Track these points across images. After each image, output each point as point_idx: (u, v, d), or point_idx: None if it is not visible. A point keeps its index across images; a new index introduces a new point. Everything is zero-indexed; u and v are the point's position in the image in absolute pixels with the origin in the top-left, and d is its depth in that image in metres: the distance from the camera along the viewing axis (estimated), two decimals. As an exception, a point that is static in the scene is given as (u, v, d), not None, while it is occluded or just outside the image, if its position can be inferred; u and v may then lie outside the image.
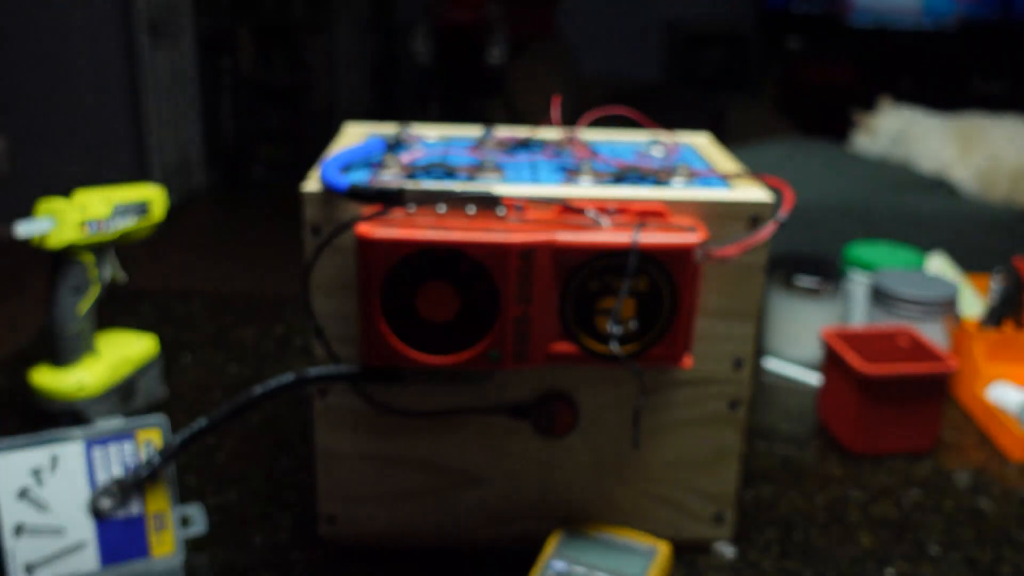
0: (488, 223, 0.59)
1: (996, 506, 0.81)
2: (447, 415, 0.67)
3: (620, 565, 0.64)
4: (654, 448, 0.69)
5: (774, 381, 1.03)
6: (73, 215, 0.79)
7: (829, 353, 0.91)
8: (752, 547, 0.73)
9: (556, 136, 0.74)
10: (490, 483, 0.69)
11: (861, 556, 0.73)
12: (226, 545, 0.72)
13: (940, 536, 0.76)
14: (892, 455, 0.88)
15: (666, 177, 0.66)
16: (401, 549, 0.71)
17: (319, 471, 0.69)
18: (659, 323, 0.60)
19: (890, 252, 1.10)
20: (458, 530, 0.71)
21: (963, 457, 0.89)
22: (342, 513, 0.70)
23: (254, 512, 0.76)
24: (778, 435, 0.91)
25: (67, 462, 0.64)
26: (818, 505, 0.80)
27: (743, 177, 0.67)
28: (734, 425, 0.69)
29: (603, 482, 0.69)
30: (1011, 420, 0.91)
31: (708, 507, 0.71)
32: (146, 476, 0.65)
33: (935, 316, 0.97)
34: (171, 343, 1.05)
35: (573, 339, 0.60)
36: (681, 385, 0.67)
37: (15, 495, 0.63)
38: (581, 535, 0.67)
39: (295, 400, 0.93)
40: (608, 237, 0.58)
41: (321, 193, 0.62)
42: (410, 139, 0.73)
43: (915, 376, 0.86)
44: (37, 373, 0.83)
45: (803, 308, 1.03)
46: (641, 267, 0.59)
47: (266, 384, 0.64)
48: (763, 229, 0.62)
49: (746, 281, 0.65)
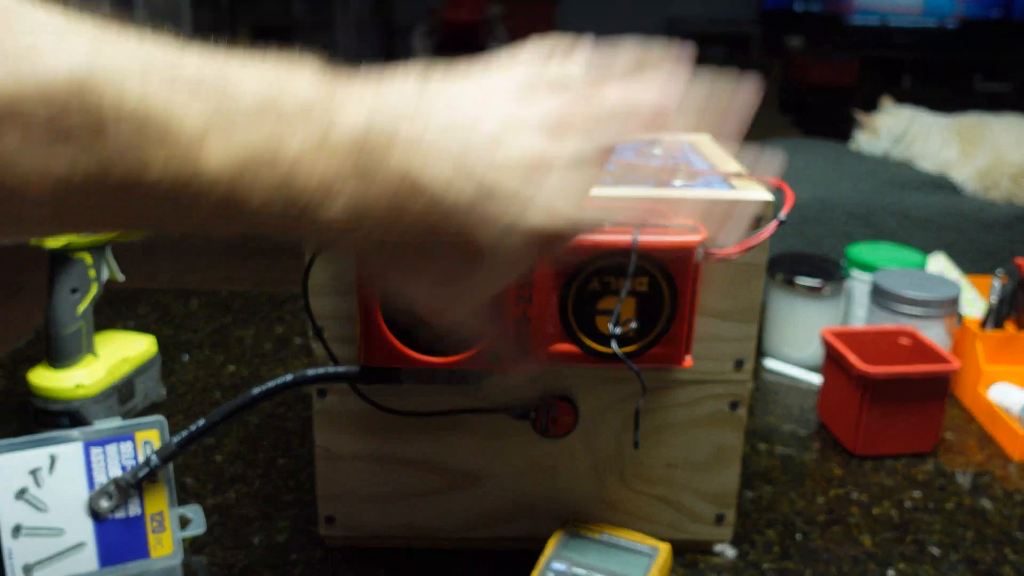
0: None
1: (998, 507, 0.81)
2: (447, 415, 0.67)
3: (620, 566, 0.64)
4: (654, 448, 0.68)
5: (775, 381, 1.02)
6: (71, 215, 0.79)
7: (830, 353, 0.91)
8: (753, 548, 0.73)
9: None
10: (490, 483, 0.69)
11: (862, 557, 0.73)
12: (225, 546, 0.71)
13: (941, 537, 0.76)
14: (893, 456, 0.88)
15: (667, 177, 0.66)
16: (401, 549, 0.71)
17: (318, 471, 0.69)
18: (659, 323, 0.60)
19: (891, 252, 1.10)
20: (458, 531, 0.71)
21: (964, 458, 0.89)
22: (341, 513, 0.70)
23: (253, 512, 0.75)
24: (779, 436, 0.91)
25: (65, 462, 0.64)
26: (819, 506, 0.80)
27: (744, 177, 0.67)
28: (735, 425, 0.68)
29: (603, 482, 0.69)
30: (1013, 420, 0.91)
31: (708, 508, 0.71)
32: (144, 476, 0.64)
33: (936, 316, 0.96)
34: (170, 343, 1.05)
35: (573, 339, 0.60)
36: (681, 385, 0.67)
37: (13, 495, 0.62)
38: (581, 536, 0.67)
39: (294, 400, 0.93)
40: (608, 237, 0.58)
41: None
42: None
43: (916, 376, 0.86)
44: (35, 373, 0.82)
45: (804, 308, 1.03)
46: (641, 267, 0.58)
47: (265, 384, 0.64)
48: (764, 229, 0.61)
49: (747, 281, 0.65)
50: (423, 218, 0.41)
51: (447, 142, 0.41)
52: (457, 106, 0.43)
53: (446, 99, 0.43)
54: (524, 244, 0.43)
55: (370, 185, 0.40)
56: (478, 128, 0.42)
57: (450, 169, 0.41)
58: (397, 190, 0.40)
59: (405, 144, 0.40)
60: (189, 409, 0.91)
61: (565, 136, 0.44)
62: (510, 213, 0.42)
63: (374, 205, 0.40)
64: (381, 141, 0.40)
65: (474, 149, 0.42)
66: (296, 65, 0.40)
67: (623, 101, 0.46)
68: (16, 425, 0.87)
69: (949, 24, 4.62)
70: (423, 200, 0.41)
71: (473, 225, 0.42)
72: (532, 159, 0.43)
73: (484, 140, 0.42)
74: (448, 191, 0.41)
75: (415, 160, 0.40)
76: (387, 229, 0.41)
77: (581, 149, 0.44)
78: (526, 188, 0.42)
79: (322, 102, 0.39)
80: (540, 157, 0.43)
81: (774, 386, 1.01)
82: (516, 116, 0.44)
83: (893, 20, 4.63)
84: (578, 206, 0.44)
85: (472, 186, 0.41)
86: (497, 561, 0.70)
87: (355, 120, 0.39)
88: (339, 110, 0.39)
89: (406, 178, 0.40)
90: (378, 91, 0.42)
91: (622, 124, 0.45)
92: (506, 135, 0.43)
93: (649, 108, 0.46)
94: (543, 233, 0.43)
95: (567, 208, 0.43)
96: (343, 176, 0.39)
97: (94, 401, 0.83)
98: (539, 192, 0.43)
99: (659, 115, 0.46)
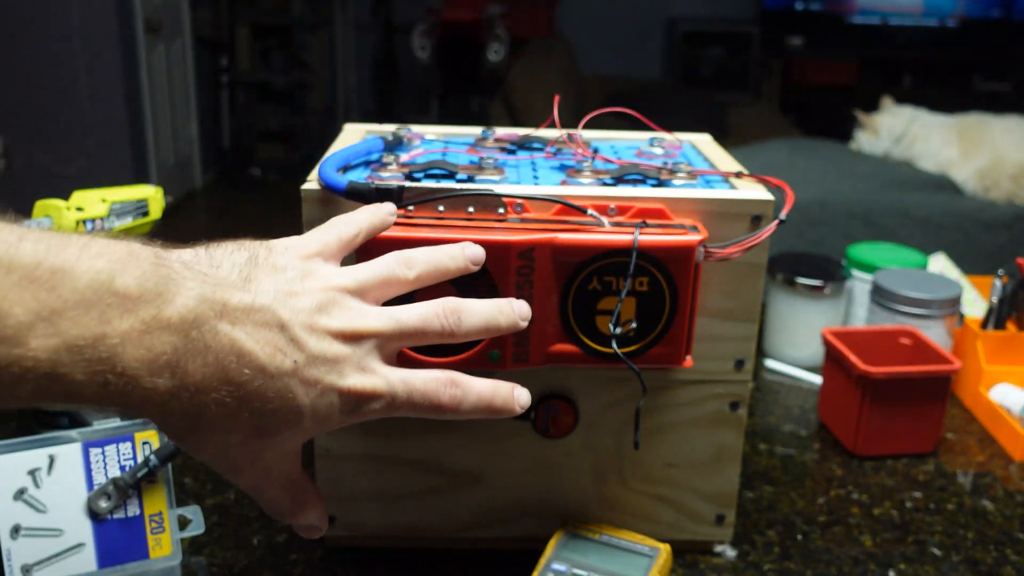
0: (488, 223, 0.58)
1: (999, 507, 0.80)
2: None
3: (620, 567, 0.64)
4: (654, 449, 0.68)
5: (775, 381, 1.02)
6: (70, 215, 0.79)
7: (830, 353, 0.91)
8: (753, 548, 0.73)
9: (556, 136, 0.74)
10: (490, 483, 0.69)
11: (863, 557, 0.73)
12: (225, 546, 0.71)
13: (942, 537, 0.76)
14: (894, 456, 0.88)
15: (667, 176, 0.66)
16: (400, 549, 0.71)
17: (318, 471, 0.69)
18: (659, 323, 0.60)
19: (892, 252, 1.10)
20: (458, 531, 0.70)
21: (965, 458, 0.89)
22: (341, 513, 0.70)
23: (252, 513, 0.75)
24: (779, 436, 0.91)
25: (64, 463, 0.64)
26: (819, 506, 0.79)
27: (744, 177, 0.66)
28: (735, 426, 0.68)
29: (603, 482, 0.69)
30: (1014, 421, 0.91)
31: (709, 508, 0.70)
32: (143, 477, 0.64)
33: (937, 316, 0.96)
34: (170, 343, 1.05)
35: (573, 339, 0.60)
36: (682, 385, 0.67)
37: (12, 496, 0.62)
38: (581, 537, 0.67)
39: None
40: (609, 237, 0.58)
41: (320, 192, 0.62)
42: (409, 138, 0.73)
43: (917, 376, 0.86)
44: (35, 373, 0.82)
45: (804, 308, 1.03)
46: (642, 267, 0.58)
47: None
48: (764, 229, 0.61)
49: (747, 281, 0.65)
50: (247, 383, 0.43)
51: (274, 310, 0.44)
52: (283, 276, 0.46)
53: (273, 268, 0.47)
54: (340, 403, 0.46)
55: (198, 356, 0.42)
56: (303, 296, 0.46)
57: (277, 336, 0.44)
58: (225, 359, 0.43)
59: (234, 314, 0.43)
60: (188, 409, 0.91)
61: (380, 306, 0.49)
62: (331, 375, 0.46)
63: (200, 373, 0.42)
64: (211, 314, 0.42)
65: (299, 316, 0.45)
66: (136, 246, 0.43)
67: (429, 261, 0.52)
68: (15, 425, 0.87)
69: (950, 24, 4.62)
70: (250, 367, 0.43)
71: (294, 387, 0.45)
72: (351, 326, 0.47)
73: (309, 307, 0.46)
74: (274, 358, 0.44)
75: (244, 329, 0.43)
76: (210, 393, 0.43)
77: (397, 318, 0.49)
78: (345, 352, 0.46)
79: (154, 286, 0.41)
80: (358, 325, 0.47)
81: (774, 386, 1.01)
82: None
83: (894, 20, 4.62)
84: (390, 370, 0.48)
85: (295, 352, 0.45)
86: (497, 561, 0.70)
87: (186, 298, 0.42)
88: (170, 291, 0.42)
89: (234, 346, 0.43)
90: (211, 262, 0.45)
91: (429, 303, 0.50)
92: (327, 304, 0.47)
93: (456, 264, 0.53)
94: (359, 393, 0.47)
95: (381, 370, 0.48)
96: (169, 352, 0.41)
97: (93, 401, 0.83)
98: (355, 355, 0.47)
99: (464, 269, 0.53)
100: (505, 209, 0.59)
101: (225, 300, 0.43)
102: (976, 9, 4.63)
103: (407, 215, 0.59)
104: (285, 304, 0.45)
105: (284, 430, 0.46)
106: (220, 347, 0.42)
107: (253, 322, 0.44)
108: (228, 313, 0.43)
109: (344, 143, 0.71)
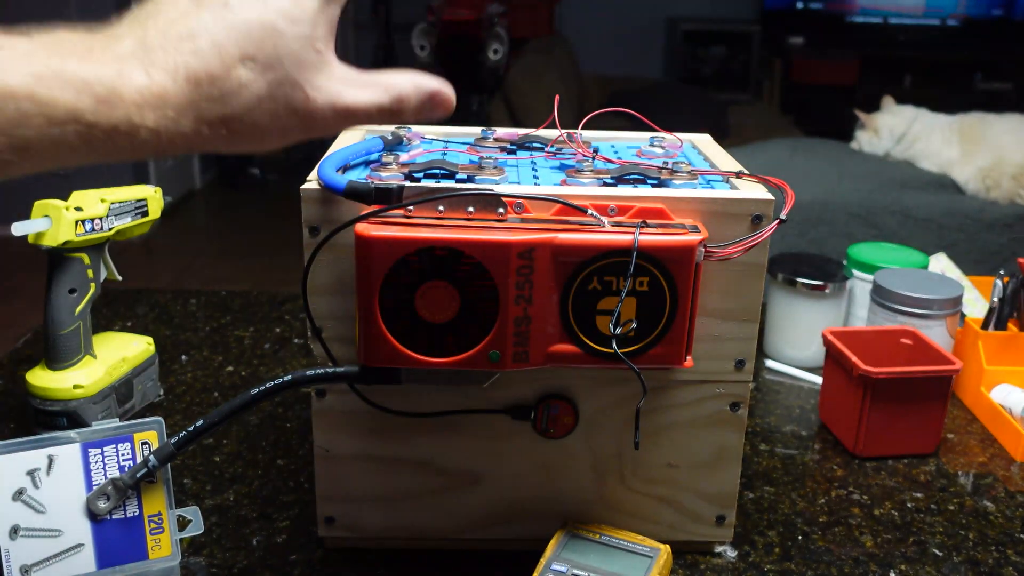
0: (488, 222, 0.58)
1: (1000, 508, 0.80)
2: (447, 415, 0.66)
3: (620, 568, 0.64)
4: (655, 449, 0.68)
5: (776, 381, 1.02)
6: (70, 215, 0.79)
7: (831, 353, 0.91)
8: (753, 549, 0.73)
9: (556, 135, 0.74)
10: (490, 484, 0.69)
11: (863, 558, 0.73)
12: (224, 546, 0.71)
13: (943, 538, 0.76)
14: (894, 456, 0.87)
15: (667, 176, 0.66)
16: (400, 550, 0.71)
17: (317, 472, 0.69)
18: (660, 323, 0.60)
19: (893, 252, 1.10)
20: (458, 531, 0.70)
21: (966, 458, 0.89)
22: (340, 514, 0.70)
23: (252, 513, 0.75)
24: (779, 436, 0.91)
25: (63, 463, 0.63)
26: (820, 507, 0.79)
27: (744, 176, 0.66)
28: (735, 426, 0.68)
29: (603, 483, 0.69)
30: (1015, 421, 0.90)
31: (709, 508, 0.70)
32: (143, 477, 0.64)
33: (938, 316, 0.96)
34: (168, 344, 1.05)
35: (573, 339, 0.60)
36: (682, 386, 0.67)
37: (11, 496, 0.62)
38: (581, 537, 0.67)
39: (293, 401, 0.93)
40: (609, 237, 0.58)
41: (319, 192, 0.61)
42: (409, 138, 0.73)
43: (918, 377, 0.86)
44: (33, 374, 0.82)
45: (805, 308, 1.02)
46: (642, 267, 0.58)
47: (263, 385, 0.63)
48: (765, 229, 0.61)
49: (747, 281, 0.65)
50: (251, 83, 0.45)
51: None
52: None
53: None
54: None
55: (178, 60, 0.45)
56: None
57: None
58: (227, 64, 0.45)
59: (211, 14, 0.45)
60: (187, 410, 0.91)
61: None
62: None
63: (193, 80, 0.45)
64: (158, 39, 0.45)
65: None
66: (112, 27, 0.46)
67: None
68: (14, 426, 0.87)
69: (951, 23, 4.62)
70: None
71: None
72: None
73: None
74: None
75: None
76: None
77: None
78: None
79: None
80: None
81: (775, 386, 1.01)
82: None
83: (894, 19, 4.62)
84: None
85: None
86: (497, 562, 0.70)
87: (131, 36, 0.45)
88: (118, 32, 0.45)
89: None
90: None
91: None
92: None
93: None
94: None
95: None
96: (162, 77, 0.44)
97: (92, 402, 0.83)
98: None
99: None
100: (505, 209, 0.59)
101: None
102: (977, 8, 4.63)
103: (407, 215, 0.58)
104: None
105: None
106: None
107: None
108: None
109: (343, 143, 0.71)
